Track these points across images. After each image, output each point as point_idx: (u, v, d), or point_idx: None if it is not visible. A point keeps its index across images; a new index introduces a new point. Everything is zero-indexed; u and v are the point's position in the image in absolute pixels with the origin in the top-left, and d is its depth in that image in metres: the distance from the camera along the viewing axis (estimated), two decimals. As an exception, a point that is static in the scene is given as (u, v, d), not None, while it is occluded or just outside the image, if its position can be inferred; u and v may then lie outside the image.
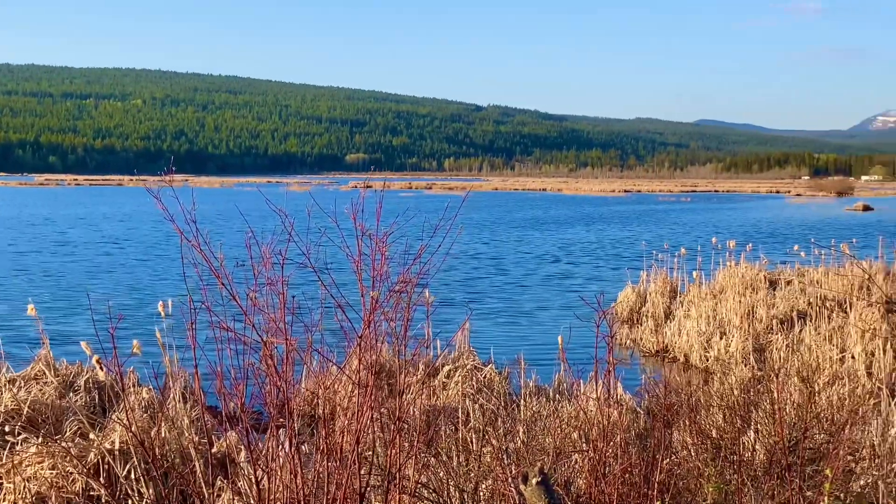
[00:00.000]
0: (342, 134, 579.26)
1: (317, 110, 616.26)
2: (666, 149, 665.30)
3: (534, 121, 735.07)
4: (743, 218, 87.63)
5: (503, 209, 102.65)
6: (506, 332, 23.06)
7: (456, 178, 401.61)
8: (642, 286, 26.13)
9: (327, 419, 6.23)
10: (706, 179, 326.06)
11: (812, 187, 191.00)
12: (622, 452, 6.85)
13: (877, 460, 9.48)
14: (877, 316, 18.87)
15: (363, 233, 5.67)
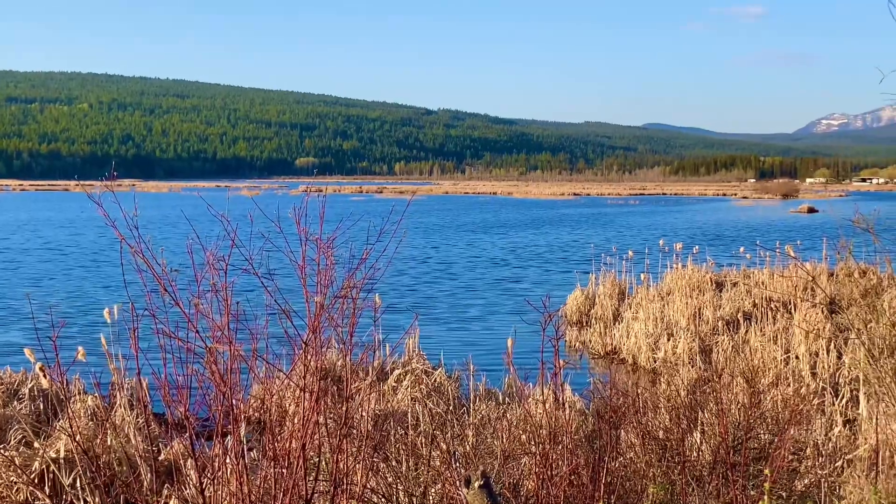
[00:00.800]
0: (292, 138, 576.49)
1: (266, 114, 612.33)
2: (614, 152, 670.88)
3: (484, 125, 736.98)
4: (690, 220, 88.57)
5: (454, 213, 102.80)
6: (456, 337, 23.07)
7: (407, 181, 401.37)
8: (591, 289, 26.30)
9: (274, 425, 6.19)
10: (654, 182, 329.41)
11: (758, 190, 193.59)
12: (569, 454, 6.88)
13: (820, 459, 9.64)
14: (820, 317, 19.16)
15: (307, 238, 5.65)
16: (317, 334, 5.58)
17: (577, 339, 22.06)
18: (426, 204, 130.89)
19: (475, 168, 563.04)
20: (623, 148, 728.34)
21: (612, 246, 39.06)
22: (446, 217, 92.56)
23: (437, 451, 8.26)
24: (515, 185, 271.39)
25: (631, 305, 23.52)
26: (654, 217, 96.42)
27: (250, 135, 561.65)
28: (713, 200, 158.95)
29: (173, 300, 5.69)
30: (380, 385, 14.15)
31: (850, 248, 13.91)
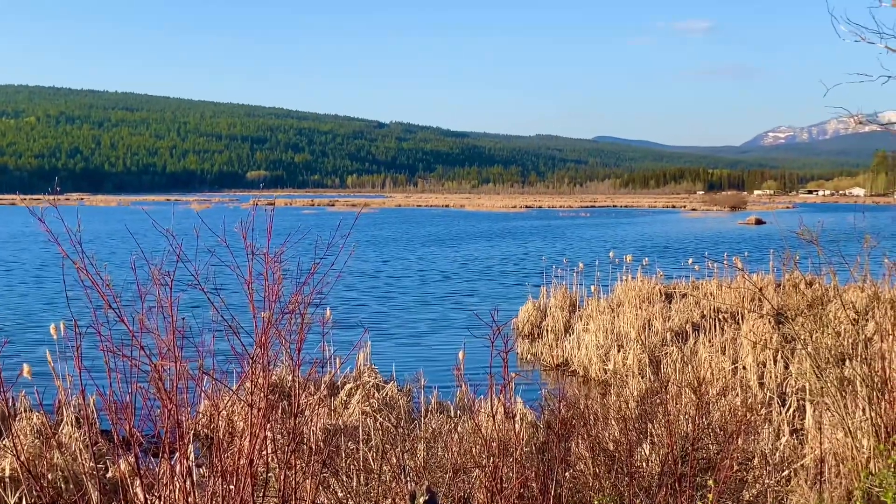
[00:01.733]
0: (242, 151, 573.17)
1: (216, 127, 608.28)
2: (566, 165, 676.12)
3: (436, 137, 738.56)
4: (640, 232, 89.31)
5: (406, 226, 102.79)
6: (408, 351, 23.02)
7: (359, 194, 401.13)
8: (543, 301, 26.44)
9: (222, 441, 6.13)
10: (605, 195, 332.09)
11: (707, 202, 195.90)
12: (519, 467, 6.90)
13: (768, 469, 9.75)
14: (768, 327, 19.41)
15: (254, 252, 5.61)
16: (264, 350, 5.54)
17: (528, 351, 22.13)
18: (378, 217, 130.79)
19: (428, 181, 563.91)
20: (574, 161, 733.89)
21: (564, 258, 39.26)
22: (398, 230, 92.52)
23: (387, 466, 8.23)
24: (468, 197, 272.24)
25: (582, 317, 23.65)
26: (605, 229, 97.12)
27: (200, 148, 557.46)
28: (663, 212, 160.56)
29: (118, 316, 5.62)
30: (330, 400, 14.08)
31: (796, 260, 14.13)
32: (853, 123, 10.38)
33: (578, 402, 9.98)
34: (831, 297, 17.12)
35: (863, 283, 13.90)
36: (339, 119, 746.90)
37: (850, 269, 11.09)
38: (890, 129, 10.51)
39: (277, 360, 6.38)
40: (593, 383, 18.81)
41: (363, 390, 14.62)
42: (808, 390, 13.34)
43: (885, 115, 11.27)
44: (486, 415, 9.33)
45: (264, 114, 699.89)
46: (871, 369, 9.64)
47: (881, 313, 11.48)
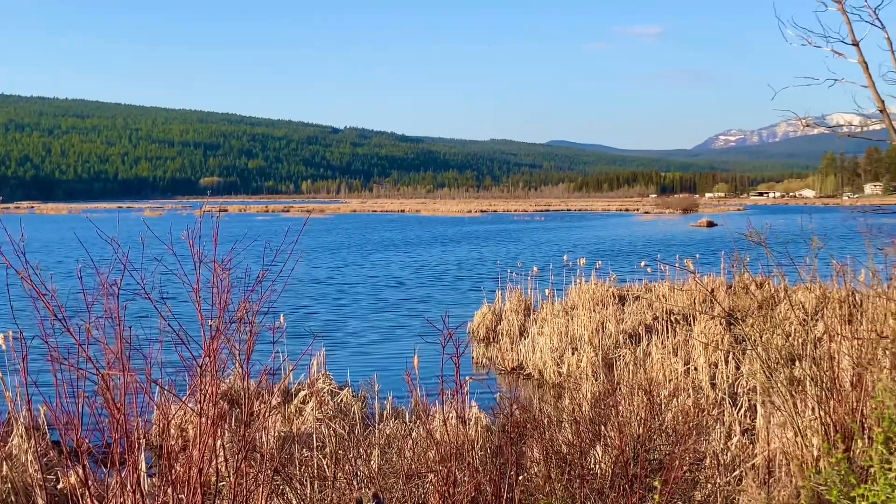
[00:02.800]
0: (195, 157, 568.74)
1: (168, 133, 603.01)
2: (520, 169, 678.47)
3: (391, 143, 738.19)
4: (594, 235, 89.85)
5: (361, 231, 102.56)
6: (363, 357, 22.95)
7: (314, 200, 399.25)
8: (498, 305, 26.49)
9: (173, 450, 6.08)
10: (559, 199, 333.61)
11: (659, 205, 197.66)
12: (472, 471, 6.90)
13: (719, 468, 9.84)
14: (719, 329, 19.62)
15: (201, 260, 5.57)
16: (212, 359, 5.50)
17: (484, 355, 22.17)
18: (333, 223, 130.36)
19: (383, 186, 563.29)
20: (528, 165, 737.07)
21: (519, 262, 39.39)
22: (353, 236, 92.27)
23: (341, 473, 8.20)
24: (423, 202, 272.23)
25: (536, 321, 23.74)
26: (559, 232, 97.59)
27: (153, 154, 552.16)
28: (616, 216, 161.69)
29: (64, 327, 5.55)
30: (284, 407, 14.00)
31: (746, 262, 14.29)
32: (802, 126, 10.52)
33: (532, 406, 10.01)
34: (781, 298, 17.36)
35: (811, 284, 14.12)
36: (293, 124, 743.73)
37: (798, 270, 11.24)
38: (837, 131, 10.68)
39: (227, 369, 6.33)
40: (548, 386, 18.88)
41: (318, 396, 14.55)
42: (758, 390, 13.49)
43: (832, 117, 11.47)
44: (443, 419, 9.33)
45: (217, 120, 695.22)
46: (820, 369, 9.77)
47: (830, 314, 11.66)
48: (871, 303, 10.94)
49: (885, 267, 11.03)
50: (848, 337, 9.85)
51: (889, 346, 8.81)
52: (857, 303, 12.65)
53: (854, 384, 9.27)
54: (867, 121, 9.95)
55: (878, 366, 9.00)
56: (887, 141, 9.38)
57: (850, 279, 11.92)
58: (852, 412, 9.09)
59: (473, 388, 14.64)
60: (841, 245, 19.82)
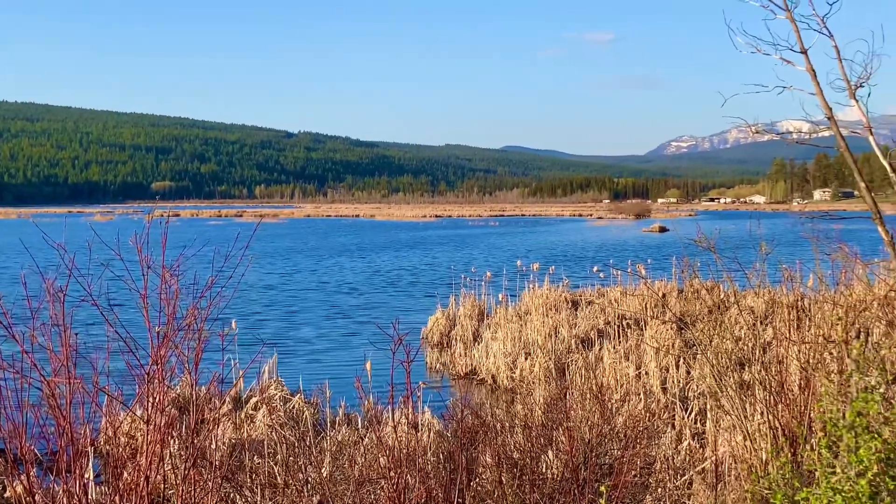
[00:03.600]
0: (147, 161, 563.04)
1: (120, 137, 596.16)
2: (475, 174, 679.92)
3: (345, 147, 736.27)
4: (547, 241, 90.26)
5: (316, 237, 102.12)
6: (316, 364, 22.83)
7: (268, 205, 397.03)
8: (452, 310, 26.50)
9: (122, 458, 6.01)
10: (513, 204, 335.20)
11: (612, 210, 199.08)
12: (423, 476, 6.89)
13: (670, 472, 9.92)
14: (670, 333, 19.79)
15: (149, 266, 5.51)
16: (160, 365, 5.44)
17: (437, 360, 22.19)
18: (287, 228, 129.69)
19: (337, 191, 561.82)
20: (483, 170, 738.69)
21: (473, 267, 39.42)
22: (307, 241, 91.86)
23: (292, 480, 8.15)
24: (378, 207, 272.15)
25: (490, 326, 23.78)
26: (514, 238, 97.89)
27: (103, 158, 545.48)
28: (570, 221, 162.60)
29: (9, 333, 5.47)
30: (235, 414, 13.89)
31: (696, 268, 14.43)
32: (752, 133, 10.65)
33: (484, 411, 10.03)
34: (731, 303, 17.55)
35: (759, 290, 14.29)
36: (247, 128, 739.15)
37: (747, 275, 11.36)
38: (786, 138, 10.81)
39: (177, 376, 6.26)
40: (501, 391, 18.92)
41: (268, 404, 14.46)
42: (708, 394, 13.62)
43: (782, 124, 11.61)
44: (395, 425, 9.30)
45: (169, 123, 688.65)
46: (768, 374, 9.88)
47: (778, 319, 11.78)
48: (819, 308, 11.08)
49: (832, 272, 11.18)
50: (796, 341, 9.96)
51: (835, 350, 8.93)
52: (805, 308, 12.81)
53: (802, 388, 9.38)
54: (816, 128, 10.09)
55: (825, 370, 9.12)
56: (835, 148, 9.51)
57: (799, 284, 12.06)
58: (799, 416, 9.20)
59: (427, 393, 14.64)
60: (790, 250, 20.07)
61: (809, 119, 9.74)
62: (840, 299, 9.50)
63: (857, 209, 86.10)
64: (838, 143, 9.40)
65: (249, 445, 11.10)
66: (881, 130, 9.77)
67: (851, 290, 10.58)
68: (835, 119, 9.31)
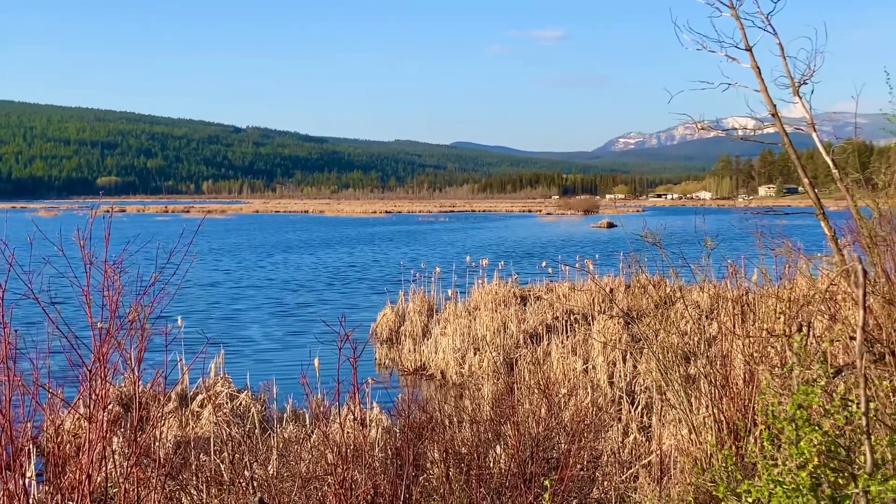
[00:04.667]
0: (92, 156, 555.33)
1: (64, 132, 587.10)
2: (425, 170, 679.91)
3: (294, 142, 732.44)
4: (497, 236, 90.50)
5: (264, 233, 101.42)
6: (265, 361, 22.66)
7: (215, 200, 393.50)
8: (401, 306, 26.48)
9: (59, 456, 5.91)
10: (463, 199, 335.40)
11: (561, 206, 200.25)
12: (370, 472, 6.88)
13: (616, 466, 10.00)
14: (617, 328, 19.94)
15: (91, 261, 5.42)
16: (102, 362, 5.36)
17: (386, 356, 22.16)
18: (234, 224, 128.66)
19: (286, 186, 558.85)
20: (433, 166, 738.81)
21: (422, 263, 39.42)
22: (255, 237, 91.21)
23: (239, 477, 8.09)
24: (327, 203, 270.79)
25: (439, 321, 23.80)
26: (463, 233, 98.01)
27: (48, 153, 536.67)
28: (519, 217, 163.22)
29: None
30: (181, 411, 13.75)
31: (643, 263, 14.55)
32: (698, 129, 10.76)
33: (432, 406, 10.02)
34: (677, 297, 17.74)
35: (705, 284, 14.44)
36: (194, 123, 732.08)
37: (693, 270, 11.47)
38: (732, 134, 10.93)
39: (120, 373, 6.18)
40: (450, 387, 18.94)
41: (216, 400, 14.34)
42: (654, 388, 13.75)
43: (728, 121, 11.74)
44: (343, 421, 9.27)
45: (115, 118, 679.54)
46: (713, 368, 10.00)
47: (724, 313, 11.92)
48: (763, 302, 11.23)
49: (775, 267, 11.33)
50: (740, 336, 10.09)
51: (778, 344, 9.06)
52: (749, 302, 12.98)
53: (746, 381, 9.50)
54: (761, 124, 10.22)
55: (769, 363, 9.24)
56: (780, 144, 9.64)
57: (743, 279, 12.21)
58: (744, 409, 9.32)
59: (375, 390, 14.61)
60: (735, 246, 20.34)
61: (754, 116, 9.87)
62: (783, 294, 9.63)
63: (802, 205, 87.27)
64: (782, 139, 9.53)
65: (195, 443, 11.00)
66: (824, 127, 9.90)
67: (794, 284, 10.72)
68: (779, 116, 9.43)
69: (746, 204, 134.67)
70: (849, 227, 9.32)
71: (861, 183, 9.48)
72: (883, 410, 6.41)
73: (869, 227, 8.83)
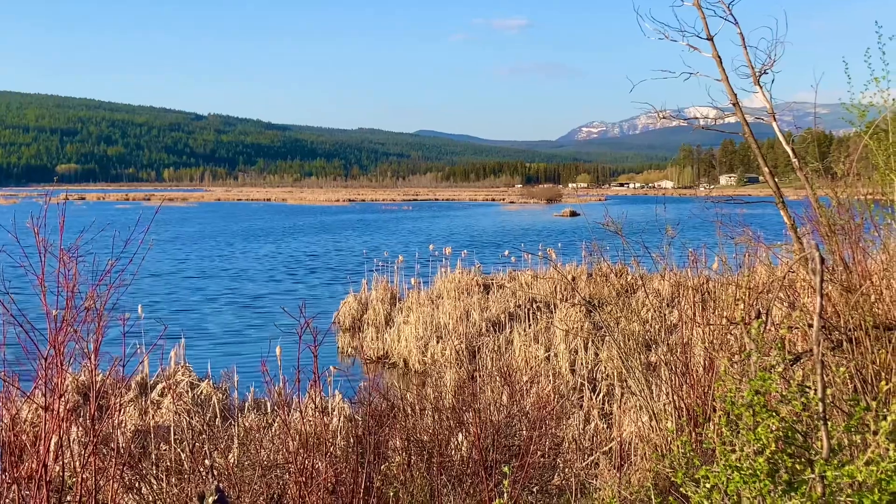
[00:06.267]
0: (52, 143, 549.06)
1: (23, 119, 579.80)
2: (388, 159, 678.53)
3: (256, 130, 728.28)
4: (461, 225, 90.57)
5: (225, 221, 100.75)
6: (226, 350, 22.53)
7: (177, 188, 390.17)
8: (364, 294, 26.42)
9: (13, 447, 5.83)
10: (427, 188, 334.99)
11: (524, 195, 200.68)
12: (331, 460, 6.85)
13: (578, 453, 10.05)
14: (579, 316, 20.03)
15: (46, 248, 5.34)
16: (58, 350, 5.29)
17: (349, 344, 22.11)
18: (195, 212, 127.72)
19: (248, 174, 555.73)
20: (396, 155, 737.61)
21: (385, 251, 39.35)
22: (216, 225, 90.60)
23: (199, 466, 8.03)
24: (290, 191, 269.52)
25: (402, 310, 23.78)
26: (427, 222, 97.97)
27: (6, 140, 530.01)
28: (483, 205, 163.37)
29: None
30: (141, 400, 13.64)
31: (604, 251, 14.60)
32: (660, 118, 10.80)
33: (394, 394, 10.02)
34: (638, 286, 17.84)
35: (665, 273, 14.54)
36: (155, 111, 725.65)
37: (654, 258, 11.53)
38: (693, 124, 10.99)
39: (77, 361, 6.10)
40: (412, 374, 18.95)
41: (175, 389, 14.23)
42: (615, 375, 13.82)
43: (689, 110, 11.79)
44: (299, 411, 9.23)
45: (75, 105, 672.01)
46: (674, 355, 10.06)
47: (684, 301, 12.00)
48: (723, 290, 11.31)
49: (735, 255, 11.41)
50: (700, 323, 10.16)
51: (737, 332, 9.13)
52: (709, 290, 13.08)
53: (706, 369, 9.57)
54: (722, 114, 10.28)
55: (728, 351, 9.31)
56: (741, 134, 9.70)
57: (704, 267, 12.29)
58: (703, 396, 9.39)
59: (338, 378, 14.56)
60: (696, 234, 20.50)
61: (716, 105, 9.92)
62: (742, 281, 9.70)
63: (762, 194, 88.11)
64: (743, 129, 9.60)
65: (155, 432, 10.90)
66: (785, 117, 9.98)
67: (754, 272, 10.81)
68: (740, 105, 9.49)
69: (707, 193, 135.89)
70: (808, 215, 9.40)
71: (820, 172, 9.57)
72: (840, 396, 6.49)
73: (828, 215, 8.92)
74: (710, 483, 4.19)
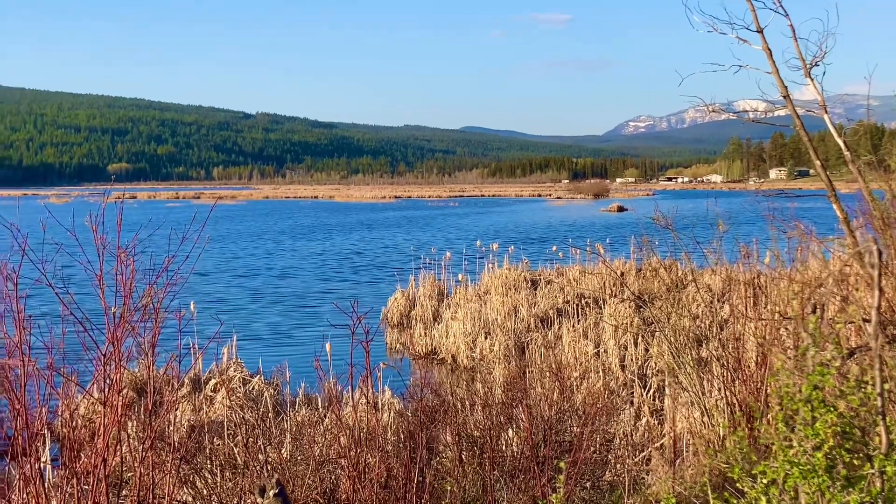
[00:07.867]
0: (103, 143, 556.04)
1: (75, 119, 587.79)
2: (434, 155, 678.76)
3: (304, 128, 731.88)
4: (508, 221, 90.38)
5: (274, 218, 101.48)
6: (277, 345, 22.73)
7: (226, 186, 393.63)
8: (412, 290, 26.49)
9: (73, 442, 5.94)
10: (473, 184, 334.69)
11: (571, 190, 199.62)
12: (383, 455, 6.90)
13: (629, 449, 10.01)
14: (629, 311, 19.92)
15: (104, 246, 5.43)
16: (116, 346, 5.38)
17: (397, 340, 22.19)
18: (245, 210, 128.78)
19: (296, 172, 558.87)
20: (442, 151, 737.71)
21: (433, 247, 39.41)
22: (266, 223, 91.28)
23: (252, 460, 8.12)
24: (337, 188, 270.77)
25: (450, 306, 23.81)
26: (473, 218, 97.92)
27: (58, 140, 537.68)
28: (529, 201, 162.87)
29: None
30: (195, 395, 13.81)
31: (654, 246, 14.51)
32: (709, 112, 10.70)
33: (444, 390, 10.04)
34: (689, 280, 17.71)
35: (717, 267, 14.41)
36: (204, 110, 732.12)
37: (705, 253, 11.45)
38: (743, 117, 10.87)
39: (134, 358, 6.20)
40: (461, 370, 18.97)
41: (229, 384, 14.38)
42: (666, 371, 13.73)
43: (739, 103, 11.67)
44: (355, 405, 9.29)
45: (125, 105, 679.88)
46: (725, 350, 9.98)
47: (735, 296, 11.89)
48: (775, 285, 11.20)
49: (787, 250, 11.30)
50: (753, 318, 10.07)
51: (791, 327, 9.04)
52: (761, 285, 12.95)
53: (759, 364, 9.48)
54: (772, 107, 10.15)
55: (781, 346, 9.22)
56: (791, 127, 9.58)
57: (755, 262, 12.17)
58: (756, 391, 9.31)
59: (387, 374, 14.63)
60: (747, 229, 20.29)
61: (766, 98, 9.80)
62: (796, 276, 9.61)
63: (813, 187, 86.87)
64: (794, 121, 9.48)
65: (209, 427, 11.04)
66: (836, 109, 9.85)
67: (807, 266, 10.69)
68: (790, 98, 9.37)
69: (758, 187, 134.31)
70: (861, 209, 9.26)
71: (873, 165, 9.43)
72: (897, 392, 6.40)
73: (881, 209, 8.78)
74: (767, 478, 4.16)
